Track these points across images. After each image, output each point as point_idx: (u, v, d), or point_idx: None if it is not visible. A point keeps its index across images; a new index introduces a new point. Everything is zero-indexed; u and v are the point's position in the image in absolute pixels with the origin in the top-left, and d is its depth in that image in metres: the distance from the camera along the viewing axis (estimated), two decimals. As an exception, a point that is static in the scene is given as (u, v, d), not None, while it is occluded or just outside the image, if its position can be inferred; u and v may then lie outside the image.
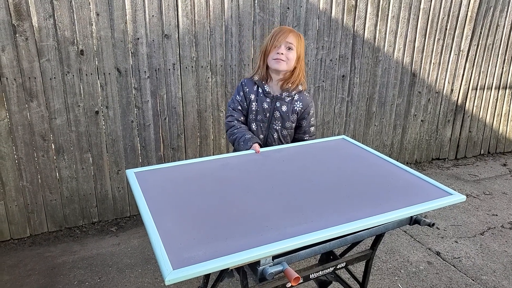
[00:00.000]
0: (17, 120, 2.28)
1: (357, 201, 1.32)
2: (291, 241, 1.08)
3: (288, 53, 1.74)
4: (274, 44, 1.74)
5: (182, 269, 0.96)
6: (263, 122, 1.83)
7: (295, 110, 1.82)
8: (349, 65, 3.10)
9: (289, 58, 1.74)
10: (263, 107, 1.81)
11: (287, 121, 1.82)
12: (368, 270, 1.66)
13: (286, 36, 1.73)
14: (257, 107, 1.82)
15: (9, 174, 2.35)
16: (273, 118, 1.82)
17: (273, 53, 1.74)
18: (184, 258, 1.00)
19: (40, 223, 2.51)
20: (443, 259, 2.40)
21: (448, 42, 3.43)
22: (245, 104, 1.84)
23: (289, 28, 1.78)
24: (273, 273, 1.08)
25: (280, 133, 1.85)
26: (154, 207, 1.23)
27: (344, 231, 1.15)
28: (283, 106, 1.80)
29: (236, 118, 1.84)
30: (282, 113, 1.81)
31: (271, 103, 1.80)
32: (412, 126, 3.57)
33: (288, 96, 1.81)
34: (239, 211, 1.24)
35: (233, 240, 1.09)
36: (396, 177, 1.50)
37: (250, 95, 1.83)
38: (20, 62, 2.21)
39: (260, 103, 1.82)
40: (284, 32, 1.74)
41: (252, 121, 1.85)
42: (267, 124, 1.83)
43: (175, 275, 0.94)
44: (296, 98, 1.82)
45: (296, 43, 1.75)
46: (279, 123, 1.83)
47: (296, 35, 1.77)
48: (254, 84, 1.83)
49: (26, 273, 2.20)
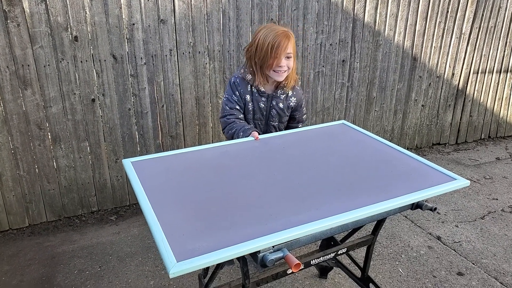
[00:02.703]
0: (11, 109, 2.24)
1: (360, 187, 1.29)
2: (295, 230, 1.07)
3: (288, 62, 1.73)
4: (274, 57, 1.68)
5: (186, 261, 0.94)
6: (261, 120, 1.84)
7: (290, 106, 1.86)
8: (349, 49, 3.05)
9: (290, 67, 1.74)
10: (260, 106, 1.81)
11: (284, 116, 1.87)
12: (369, 256, 1.65)
13: (286, 48, 1.68)
14: (254, 107, 1.82)
15: (5, 164, 2.32)
16: (270, 116, 1.84)
17: (274, 66, 1.71)
18: (188, 249, 0.98)
19: (38, 213, 2.50)
20: (444, 243, 2.40)
21: (450, 25, 3.36)
22: (242, 104, 1.82)
23: (284, 34, 1.68)
24: (274, 259, 1.06)
25: (278, 128, 1.89)
26: (153, 198, 1.21)
27: (347, 219, 1.13)
28: (279, 104, 1.82)
29: (236, 117, 1.80)
30: (279, 110, 1.83)
31: (267, 101, 1.81)
32: (413, 111, 3.54)
33: (282, 94, 1.82)
34: (241, 200, 1.22)
35: (237, 230, 1.07)
36: (398, 162, 1.47)
37: (245, 96, 1.80)
38: (13, 49, 2.15)
39: (256, 102, 1.81)
40: (283, 45, 1.67)
41: (250, 120, 1.85)
42: (264, 122, 1.84)
43: (179, 268, 0.92)
44: (290, 94, 1.85)
45: (293, 49, 1.73)
46: (276, 120, 1.85)
47: (291, 39, 1.71)
48: (247, 84, 1.80)
49: (26, 263, 2.19)
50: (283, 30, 1.69)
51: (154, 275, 2.10)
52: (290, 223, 1.10)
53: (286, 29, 1.72)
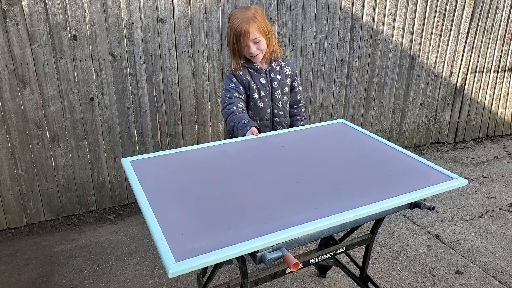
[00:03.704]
0: (10, 108, 2.24)
1: (358, 186, 1.30)
2: (294, 230, 1.07)
3: (258, 45, 1.73)
4: (242, 46, 1.72)
5: (185, 261, 0.94)
6: (266, 96, 1.87)
7: (287, 74, 1.90)
8: (348, 48, 3.05)
9: (261, 48, 1.75)
10: (262, 83, 1.84)
11: (285, 86, 1.90)
12: (368, 255, 1.65)
13: (248, 36, 1.69)
14: (257, 85, 1.84)
15: (3, 163, 2.32)
16: (273, 89, 1.87)
17: (246, 53, 1.75)
18: (187, 249, 0.98)
19: (36, 212, 2.49)
20: (442, 242, 2.40)
21: (447, 24, 3.37)
22: (242, 88, 1.82)
23: (245, 20, 1.67)
24: (272, 259, 1.07)
25: (283, 100, 1.91)
26: (152, 197, 1.20)
27: (346, 219, 1.14)
28: (277, 76, 1.86)
29: (235, 105, 1.80)
30: (279, 81, 1.87)
31: (266, 76, 1.85)
32: (411, 110, 3.54)
33: (277, 65, 1.87)
34: (241, 200, 1.22)
35: (236, 230, 1.07)
36: (397, 161, 1.47)
37: (246, 77, 1.82)
38: (11, 48, 2.15)
39: (257, 80, 1.84)
40: (246, 33, 1.68)
41: (258, 99, 1.85)
42: (270, 97, 1.88)
43: (178, 268, 0.92)
44: (283, 64, 1.89)
45: (259, 31, 1.71)
46: (279, 92, 1.89)
47: (253, 23, 1.69)
48: (244, 68, 1.83)
49: (23, 262, 2.19)
50: (243, 17, 1.68)
51: (152, 274, 2.10)
52: (288, 223, 1.10)
53: (249, 12, 1.71)
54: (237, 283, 1.52)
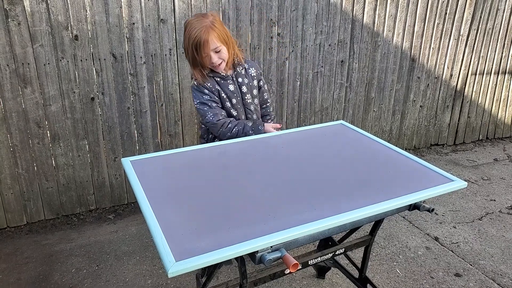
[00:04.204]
0: (11, 107, 2.24)
1: (358, 188, 1.30)
2: (293, 231, 1.07)
3: (220, 54, 1.67)
4: (202, 57, 1.65)
5: (185, 260, 0.94)
6: (238, 103, 1.82)
7: (253, 76, 1.87)
8: (348, 50, 3.06)
9: (223, 57, 1.69)
10: (231, 90, 1.79)
11: (253, 89, 1.87)
12: (367, 256, 1.66)
13: (208, 45, 1.62)
14: (226, 93, 1.78)
15: (4, 162, 2.32)
16: (242, 95, 1.83)
17: (207, 63, 1.68)
18: (187, 249, 0.99)
19: (36, 211, 2.50)
20: (441, 244, 2.41)
21: (448, 26, 3.38)
22: (216, 97, 1.77)
23: (204, 29, 1.60)
24: (272, 259, 1.07)
25: (254, 103, 1.88)
26: (152, 197, 1.21)
27: (346, 220, 1.14)
28: (244, 79, 1.83)
29: (220, 115, 1.75)
30: (247, 85, 1.83)
31: (234, 83, 1.80)
32: (411, 112, 3.55)
33: (242, 69, 1.83)
34: (240, 200, 1.22)
35: (235, 230, 1.07)
36: (396, 163, 1.48)
37: (215, 86, 1.76)
38: (13, 47, 2.15)
39: (225, 88, 1.78)
40: (204, 43, 1.60)
41: (230, 108, 1.80)
42: (241, 103, 1.84)
43: (178, 267, 0.93)
44: (247, 66, 1.86)
45: (219, 40, 1.64)
46: (249, 96, 1.85)
47: (212, 32, 1.61)
48: (210, 78, 1.76)
49: (23, 261, 2.20)
50: (201, 26, 1.60)
51: (151, 274, 2.11)
52: (288, 223, 1.11)
53: (207, 20, 1.62)
54: (236, 283, 1.52)
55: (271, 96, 2.89)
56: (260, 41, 2.73)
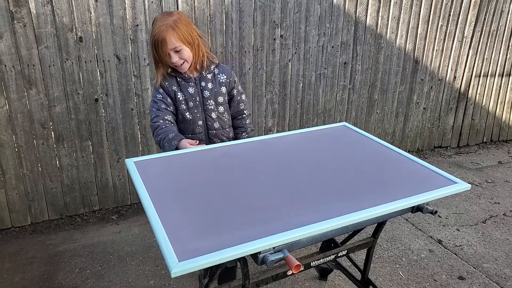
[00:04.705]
0: (16, 108, 2.26)
1: (361, 189, 1.30)
2: (296, 232, 1.07)
3: (181, 54, 1.61)
4: (162, 56, 1.60)
5: (188, 261, 0.95)
6: (196, 107, 1.73)
7: (221, 83, 1.75)
8: (351, 52, 3.06)
9: (185, 57, 1.62)
10: (190, 93, 1.71)
11: (218, 96, 1.75)
12: (370, 258, 1.65)
13: (166, 44, 1.56)
14: (184, 95, 1.71)
15: (9, 162, 2.34)
16: (204, 100, 1.74)
17: (168, 62, 1.63)
18: (189, 249, 0.99)
19: (41, 211, 2.51)
20: (445, 247, 2.40)
21: (451, 28, 3.37)
22: (169, 99, 1.71)
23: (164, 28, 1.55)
24: (274, 260, 1.07)
25: (217, 111, 1.77)
26: (156, 197, 1.22)
27: (348, 222, 1.14)
28: (208, 84, 1.73)
29: (161, 118, 1.69)
30: (210, 90, 1.73)
31: (196, 86, 1.72)
32: (414, 114, 3.54)
33: (209, 73, 1.73)
34: (243, 201, 1.23)
35: (238, 231, 1.08)
36: (400, 165, 1.48)
37: (172, 87, 1.71)
38: (19, 49, 2.18)
39: (185, 90, 1.71)
40: (162, 41, 1.56)
41: (185, 111, 1.73)
42: (201, 108, 1.74)
43: (181, 267, 0.93)
44: (217, 72, 1.75)
45: (179, 39, 1.58)
46: (212, 102, 1.74)
47: (172, 31, 1.56)
48: (171, 77, 1.71)
49: (27, 261, 2.21)
50: (162, 24, 1.56)
51: (154, 275, 2.11)
52: (290, 225, 1.11)
53: (170, 18, 1.58)
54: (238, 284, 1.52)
55: (274, 98, 2.90)
56: (263, 43, 2.73)
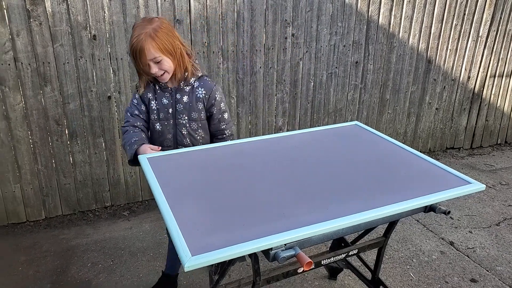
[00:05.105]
0: (31, 105, 2.31)
1: (373, 188, 1.29)
2: (308, 229, 1.08)
3: (161, 65, 1.50)
4: (142, 65, 1.50)
5: (201, 255, 0.96)
6: (167, 119, 1.62)
7: (198, 98, 1.62)
8: (363, 51, 3.04)
9: (165, 68, 1.52)
10: (163, 103, 1.61)
11: (193, 111, 1.62)
12: (381, 258, 1.64)
13: (145, 55, 1.46)
14: (157, 105, 1.61)
15: (25, 158, 2.39)
16: (177, 113, 1.61)
17: (149, 73, 1.53)
18: (202, 244, 1.00)
19: (54, 206, 2.56)
20: (457, 249, 2.37)
21: (466, 28, 3.32)
22: (143, 106, 1.63)
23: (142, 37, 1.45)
24: (285, 257, 1.08)
25: (189, 127, 1.64)
26: (169, 193, 1.23)
27: (360, 220, 1.14)
28: (184, 97, 1.60)
29: (131, 124, 1.62)
30: (185, 105, 1.60)
31: (171, 97, 1.61)
32: (427, 114, 3.50)
33: (187, 86, 1.60)
34: (255, 198, 1.23)
35: (250, 227, 1.08)
36: (412, 164, 1.47)
37: (148, 94, 1.62)
38: (35, 47, 2.22)
39: (159, 100, 1.61)
40: (141, 51, 1.45)
41: (156, 121, 1.63)
42: (172, 121, 1.63)
43: (194, 262, 0.94)
44: (197, 85, 1.61)
45: (159, 50, 1.47)
46: (185, 117, 1.62)
47: (151, 41, 1.45)
48: (149, 83, 1.62)
49: (41, 254, 2.25)
50: (141, 33, 1.45)
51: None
52: (302, 222, 1.11)
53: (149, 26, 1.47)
54: (249, 281, 1.53)
55: (285, 97, 2.90)
56: (275, 42, 2.74)
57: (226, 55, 2.64)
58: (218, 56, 2.62)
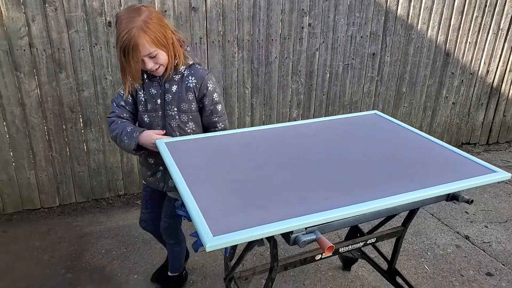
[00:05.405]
0: (46, 91, 2.31)
1: (395, 175, 1.27)
2: (330, 213, 1.06)
3: (156, 59, 1.39)
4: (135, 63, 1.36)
5: (222, 235, 0.95)
6: (155, 111, 1.50)
7: (189, 87, 1.48)
8: (380, 42, 2.98)
9: (161, 62, 1.40)
10: (151, 94, 1.49)
11: (182, 102, 1.49)
12: (398, 248, 1.62)
13: (139, 52, 1.33)
14: (145, 96, 1.50)
15: (39, 145, 2.40)
16: (165, 104, 1.49)
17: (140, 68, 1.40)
18: (223, 225, 0.99)
19: (68, 194, 2.57)
20: (472, 243, 2.32)
21: (487, 20, 3.24)
22: (130, 98, 1.53)
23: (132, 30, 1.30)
24: (306, 241, 1.06)
25: (179, 119, 1.51)
26: (187, 176, 1.22)
27: (383, 205, 1.11)
28: (173, 87, 1.48)
29: (117, 115, 1.53)
30: (173, 95, 1.49)
31: (159, 86, 1.49)
32: (443, 109, 3.44)
33: (176, 74, 1.47)
34: (274, 182, 1.21)
35: (271, 210, 1.07)
36: (435, 153, 1.43)
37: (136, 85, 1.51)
38: (50, 32, 2.22)
39: (147, 90, 1.50)
40: (134, 48, 1.32)
41: (143, 112, 1.52)
42: (161, 113, 1.51)
43: (216, 242, 0.93)
44: (187, 74, 1.48)
45: (153, 44, 1.35)
46: (174, 108, 1.50)
47: (144, 36, 1.32)
48: None
49: (56, 240, 2.27)
50: (131, 27, 1.30)
51: (178, 259, 2.13)
52: (323, 206, 1.09)
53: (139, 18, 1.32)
54: (263, 269, 1.52)
55: (300, 88, 2.87)
56: (291, 31, 2.70)
57: (241, 45, 2.61)
58: (234, 45, 2.60)
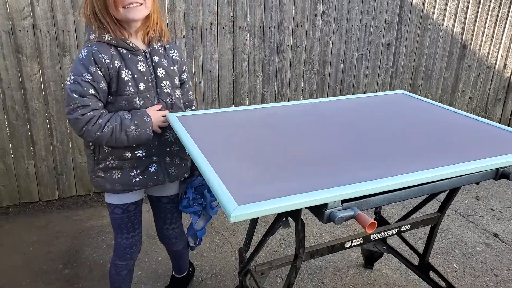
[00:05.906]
0: (49, 76, 2.19)
1: (435, 150, 1.12)
2: (369, 185, 0.91)
3: None
4: None
5: (248, 205, 0.81)
6: (148, 91, 1.26)
7: (174, 60, 1.34)
8: (395, 32, 2.87)
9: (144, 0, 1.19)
10: (140, 70, 1.24)
11: (175, 76, 1.34)
12: (433, 238, 1.46)
13: None
14: (132, 74, 1.22)
15: (40, 132, 2.27)
16: (158, 80, 1.28)
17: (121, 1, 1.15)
18: (248, 195, 0.85)
19: (69, 186, 2.43)
20: (502, 241, 2.16)
21: (504, 11, 3.13)
22: (103, 83, 1.19)
23: None
24: (343, 217, 0.91)
25: (174, 96, 1.33)
26: (204, 148, 1.07)
27: (426, 178, 0.97)
28: (162, 60, 1.29)
29: (92, 108, 1.19)
30: (166, 68, 1.30)
31: (146, 61, 1.26)
32: (459, 103, 3.30)
33: (160, 47, 1.30)
34: (302, 155, 1.07)
35: (300, 181, 0.92)
36: (476, 128, 1.29)
37: (114, 62, 1.19)
38: (54, 13, 2.11)
39: (132, 66, 1.23)
40: None
41: (134, 94, 1.24)
42: (153, 91, 1.28)
43: (241, 212, 0.79)
44: (168, 46, 1.34)
45: None
46: (167, 84, 1.30)
47: None
48: (110, 47, 1.20)
49: (54, 235, 2.12)
50: None
51: (186, 254, 1.97)
52: (360, 178, 0.94)
53: None
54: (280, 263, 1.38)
55: (312, 78, 2.74)
56: (304, 19, 2.59)
57: (252, 31, 2.50)
58: (245, 31, 2.48)
